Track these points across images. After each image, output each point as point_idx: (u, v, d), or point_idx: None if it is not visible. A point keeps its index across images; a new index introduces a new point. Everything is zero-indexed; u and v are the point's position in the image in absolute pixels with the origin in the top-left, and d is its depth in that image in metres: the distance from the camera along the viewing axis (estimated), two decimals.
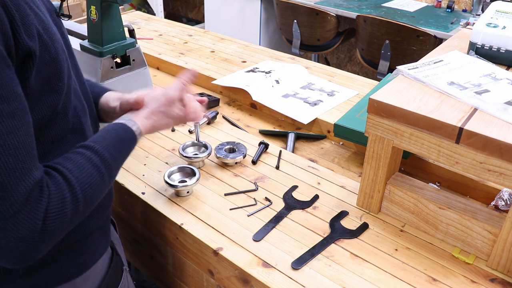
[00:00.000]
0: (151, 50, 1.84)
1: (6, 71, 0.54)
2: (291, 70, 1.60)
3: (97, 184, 0.65)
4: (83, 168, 0.63)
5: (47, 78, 0.63)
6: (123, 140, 0.73)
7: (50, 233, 0.58)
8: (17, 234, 0.55)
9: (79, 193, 0.61)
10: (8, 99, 0.54)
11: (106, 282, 0.81)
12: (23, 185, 0.55)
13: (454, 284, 0.81)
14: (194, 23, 4.59)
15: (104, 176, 0.66)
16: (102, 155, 0.67)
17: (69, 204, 0.60)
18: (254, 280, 0.82)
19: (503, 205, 0.98)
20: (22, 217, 0.55)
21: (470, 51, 1.06)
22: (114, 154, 0.69)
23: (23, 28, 0.56)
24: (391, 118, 0.84)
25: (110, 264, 0.83)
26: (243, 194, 1.02)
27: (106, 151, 0.68)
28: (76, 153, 0.66)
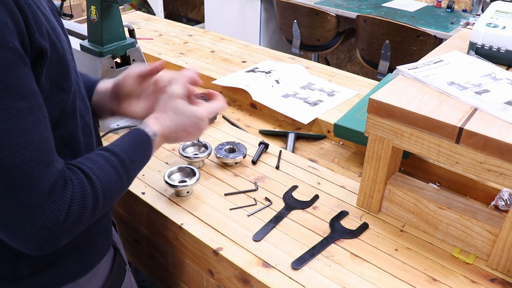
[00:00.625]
0: (151, 50, 1.84)
1: (23, 69, 0.56)
2: (291, 70, 1.60)
3: (116, 184, 0.67)
4: (103, 168, 0.65)
5: (56, 77, 0.64)
6: (140, 142, 0.73)
7: (71, 225, 0.60)
8: (41, 223, 0.57)
9: (100, 191, 0.63)
10: (27, 96, 0.56)
11: (110, 282, 0.82)
12: (47, 176, 0.57)
13: (454, 284, 0.81)
14: (194, 23, 4.60)
15: (123, 177, 0.68)
16: (121, 157, 0.68)
17: (90, 200, 0.62)
18: (254, 280, 0.82)
19: (503, 205, 0.98)
20: (47, 207, 0.57)
21: (470, 51, 1.06)
22: (132, 157, 0.70)
23: (36, 27, 0.57)
24: (391, 118, 0.84)
25: (113, 263, 0.84)
26: (243, 194, 1.02)
27: (125, 154, 0.69)
28: (96, 154, 0.68)
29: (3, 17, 0.53)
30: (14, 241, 0.59)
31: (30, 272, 0.70)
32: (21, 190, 0.56)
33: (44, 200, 0.57)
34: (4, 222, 0.57)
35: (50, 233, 0.58)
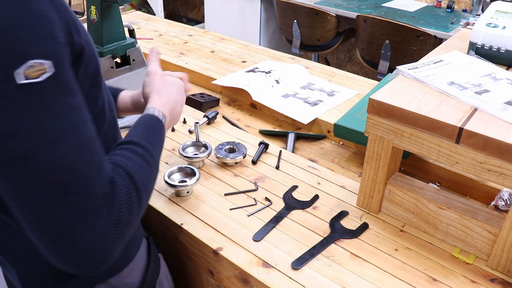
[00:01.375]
0: None
1: (70, 69, 0.54)
2: (291, 70, 1.60)
3: (149, 174, 0.65)
4: (134, 161, 0.63)
5: (92, 74, 0.63)
6: (154, 128, 0.72)
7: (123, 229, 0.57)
8: (99, 230, 0.53)
9: (141, 186, 0.61)
10: (74, 93, 0.54)
11: (150, 270, 0.84)
12: (102, 178, 0.55)
13: (454, 284, 0.81)
14: (194, 23, 4.59)
15: (152, 165, 0.66)
16: (145, 147, 0.67)
17: (134, 198, 0.59)
18: (254, 280, 0.82)
19: (503, 205, 0.98)
20: (103, 211, 0.53)
21: (470, 51, 1.06)
22: (153, 144, 0.69)
23: (74, 25, 0.57)
24: (391, 118, 0.84)
25: (148, 253, 0.85)
26: (243, 194, 1.02)
27: (147, 142, 0.68)
28: (123, 149, 0.65)
29: (52, 14, 0.51)
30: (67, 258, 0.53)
31: None
32: (77, 195, 0.52)
33: (100, 205, 0.53)
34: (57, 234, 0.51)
35: (106, 242, 0.54)
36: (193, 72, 1.66)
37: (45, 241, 0.52)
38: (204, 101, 1.44)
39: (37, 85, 0.49)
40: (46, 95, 0.50)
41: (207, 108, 1.45)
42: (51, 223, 0.51)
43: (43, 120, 0.50)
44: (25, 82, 0.48)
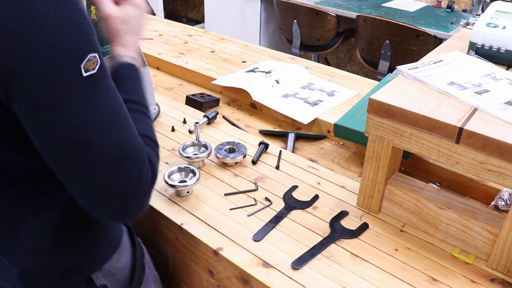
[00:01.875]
0: (151, 50, 1.84)
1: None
2: (291, 70, 1.61)
3: (151, 124, 0.73)
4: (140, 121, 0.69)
5: None
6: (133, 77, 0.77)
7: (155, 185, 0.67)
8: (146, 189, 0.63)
9: (155, 141, 0.70)
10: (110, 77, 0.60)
11: (137, 252, 0.87)
12: (142, 146, 0.63)
13: (454, 284, 0.81)
14: (194, 23, 4.60)
15: (148, 115, 0.73)
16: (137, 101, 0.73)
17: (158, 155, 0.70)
18: (254, 280, 0.82)
19: (503, 205, 0.98)
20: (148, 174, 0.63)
21: (470, 51, 1.06)
22: (138, 94, 0.75)
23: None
24: (391, 118, 0.84)
25: (131, 237, 0.89)
26: (243, 194, 1.02)
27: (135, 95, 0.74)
28: None
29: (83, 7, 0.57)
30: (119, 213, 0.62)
31: (80, 259, 0.74)
32: (131, 163, 0.60)
33: (147, 169, 0.63)
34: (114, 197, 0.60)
35: (148, 198, 0.65)
36: (193, 72, 1.66)
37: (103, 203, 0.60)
38: (204, 101, 1.44)
39: (95, 76, 0.56)
40: (101, 83, 0.57)
41: (207, 108, 1.45)
42: (111, 189, 0.59)
43: (103, 106, 0.57)
44: (87, 75, 0.55)
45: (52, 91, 0.53)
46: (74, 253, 0.74)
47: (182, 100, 1.49)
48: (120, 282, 0.82)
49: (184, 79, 1.71)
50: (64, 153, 0.57)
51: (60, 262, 0.73)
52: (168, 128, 1.27)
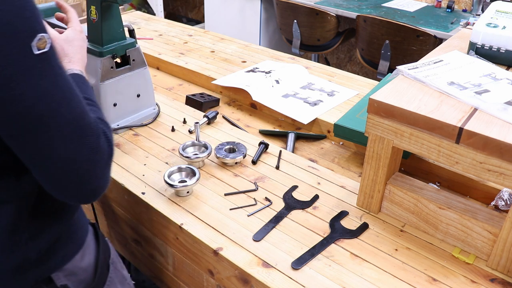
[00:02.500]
0: (151, 50, 1.84)
1: None
2: (291, 70, 1.60)
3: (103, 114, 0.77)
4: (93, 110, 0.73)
5: None
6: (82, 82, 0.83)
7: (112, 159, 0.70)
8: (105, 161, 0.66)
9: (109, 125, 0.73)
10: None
11: (102, 253, 0.87)
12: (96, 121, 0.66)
13: (454, 284, 0.81)
14: (194, 23, 4.59)
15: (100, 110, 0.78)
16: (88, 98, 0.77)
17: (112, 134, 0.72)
18: (254, 280, 0.82)
19: (503, 205, 0.98)
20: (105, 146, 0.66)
21: (470, 51, 1.06)
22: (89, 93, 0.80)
23: None
24: (391, 118, 0.84)
25: (96, 237, 0.89)
26: (243, 194, 1.02)
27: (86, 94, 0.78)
28: None
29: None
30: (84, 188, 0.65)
31: (37, 257, 0.74)
32: (90, 136, 0.63)
33: (102, 142, 0.66)
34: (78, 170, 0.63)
35: (109, 170, 0.68)
36: (193, 72, 1.66)
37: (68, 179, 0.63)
38: (204, 101, 1.44)
39: (47, 54, 0.59)
40: (52, 61, 0.60)
41: (207, 108, 1.45)
42: (75, 162, 0.62)
43: (57, 82, 0.60)
44: (39, 53, 0.58)
45: (7, 69, 0.55)
46: (31, 251, 0.73)
47: (182, 100, 1.49)
48: (83, 281, 0.82)
49: (184, 79, 1.71)
50: (24, 130, 0.59)
51: (15, 260, 0.73)
52: (168, 128, 1.27)
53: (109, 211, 1.18)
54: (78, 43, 0.94)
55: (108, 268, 0.88)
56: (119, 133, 1.24)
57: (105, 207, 1.20)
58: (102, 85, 1.17)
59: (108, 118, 1.20)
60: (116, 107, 1.22)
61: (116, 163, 1.12)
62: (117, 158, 1.14)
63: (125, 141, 1.21)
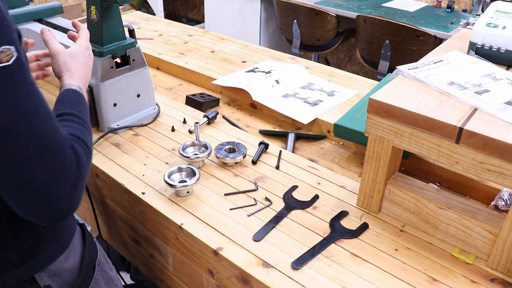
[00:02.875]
0: (151, 50, 1.84)
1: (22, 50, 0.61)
2: (291, 70, 1.60)
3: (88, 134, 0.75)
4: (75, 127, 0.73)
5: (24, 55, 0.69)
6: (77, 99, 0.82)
7: (85, 181, 0.68)
8: (70, 184, 0.63)
9: (89, 144, 0.72)
10: (29, 71, 0.61)
11: (87, 254, 0.87)
12: (65, 140, 0.64)
13: (454, 284, 0.81)
14: (194, 23, 4.60)
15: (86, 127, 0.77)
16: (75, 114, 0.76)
17: (88, 154, 0.71)
18: (254, 280, 0.82)
19: (503, 205, 0.98)
20: (72, 168, 0.64)
21: (470, 51, 1.06)
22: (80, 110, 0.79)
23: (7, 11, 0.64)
24: (391, 118, 0.84)
25: (83, 238, 0.89)
26: (243, 194, 1.02)
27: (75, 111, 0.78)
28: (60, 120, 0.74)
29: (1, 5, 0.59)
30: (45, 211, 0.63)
31: (19, 258, 0.74)
32: (52, 157, 0.61)
33: (69, 163, 0.63)
34: (38, 191, 0.61)
35: (76, 192, 0.65)
36: (193, 72, 1.66)
37: (27, 199, 0.61)
38: (204, 101, 1.44)
39: (9, 68, 0.57)
40: (16, 75, 0.58)
41: (207, 108, 1.45)
42: (33, 183, 0.60)
43: (18, 98, 0.58)
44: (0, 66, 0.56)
45: None
46: (12, 252, 0.73)
47: (182, 100, 1.49)
48: (67, 282, 0.82)
49: (184, 79, 1.71)
50: None
51: None
52: (168, 128, 1.27)
53: (109, 211, 1.18)
54: (83, 59, 0.93)
55: (93, 270, 0.88)
56: (119, 133, 1.24)
57: (105, 207, 1.20)
58: (102, 85, 1.17)
59: (108, 118, 1.21)
60: (116, 107, 1.22)
61: (116, 163, 1.12)
62: (117, 158, 1.14)
63: (125, 141, 1.21)
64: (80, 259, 0.85)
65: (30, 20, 1.47)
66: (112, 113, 1.22)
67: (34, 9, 1.47)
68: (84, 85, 0.90)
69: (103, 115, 1.21)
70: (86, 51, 0.96)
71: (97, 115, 1.22)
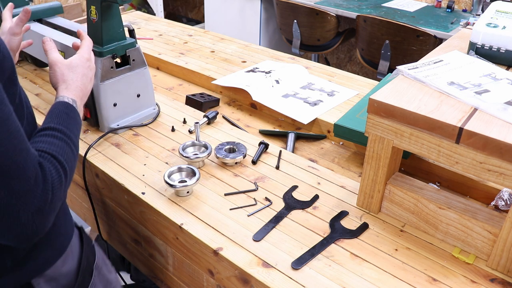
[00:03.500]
0: (151, 50, 1.84)
1: None
2: (291, 70, 1.60)
3: (70, 153, 0.72)
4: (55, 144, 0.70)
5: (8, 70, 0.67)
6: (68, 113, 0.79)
7: (56, 203, 0.65)
8: (34, 207, 0.60)
9: (65, 165, 0.69)
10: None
11: (85, 258, 0.86)
12: (30, 162, 0.61)
13: (454, 284, 0.81)
14: (194, 23, 4.60)
15: (70, 145, 0.74)
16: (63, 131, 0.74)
17: (63, 176, 0.67)
18: (254, 280, 0.82)
19: (503, 205, 0.98)
20: (36, 190, 0.61)
21: (470, 51, 1.06)
22: (67, 126, 0.76)
23: None
24: (391, 118, 0.84)
25: (81, 241, 0.88)
26: (243, 194, 1.02)
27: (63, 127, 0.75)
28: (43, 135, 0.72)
29: None
30: (7, 234, 0.61)
31: (13, 264, 0.73)
32: (12, 179, 0.58)
33: (33, 185, 0.60)
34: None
35: (42, 215, 0.62)
36: (193, 72, 1.66)
37: None
38: (204, 101, 1.44)
39: None
40: None
41: (207, 108, 1.45)
42: None
43: None
44: None
45: None
46: (5, 257, 0.72)
47: (182, 100, 1.49)
48: (65, 286, 0.81)
49: (184, 79, 1.71)
50: None
51: None
52: (168, 128, 1.27)
53: (109, 211, 1.18)
54: (82, 70, 0.90)
55: (91, 274, 0.87)
56: (119, 133, 1.24)
57: (105, 207, 1.20)
58: (102, 85, 1.17)
59: (108, 118, 1.21)
60: (116, 107, 1.22)
61: (116, 163, 1.12)
62: (117, 158, 1.14)
63: (125, 141, 1.21)
64: (77, 263, 0.84)
65: (30, 20, 1.47)
66: (112, 113, 1.22)
67: (34, 9, 1.46)
68: (81, 98, 0.87)
69: (103, 115, 1.21)
70: (86, 62, 0.93)
71: (97, 115, 1.22)
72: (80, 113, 0.83)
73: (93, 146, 1.18)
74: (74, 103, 0.83)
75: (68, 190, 1.38)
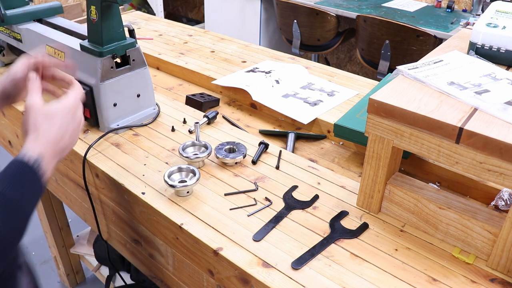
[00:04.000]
0: (151, 50, 1.84)
1: None
2: (291, 70, 1.60)
3: (12, 223, 0.64)
4: None
5: None
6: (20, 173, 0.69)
7: None
8: None
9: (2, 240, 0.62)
10: None
11: None
12: None
13: (454, 284, 0.81)
14: (194, 23, 4.60)
15: (16, 213, 0.65)
16: (6, 194, 0.65)
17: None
18: (254, 280, 0.82)
19: (503, 205, 0.98)
20: None
21: (470, 51, 1.06)
22: (17, 189, 0.67)
23: None
24: (391, 118, 0.84)
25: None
26: (243, 194, 1.02)
27: (9, 189, 0.66)
28: None
29: None
30: None
31: None
32: None
33: None
34: None
35: None
36: (193, 72, 1.66)
37: None
38: (204, 101, 1.44)
39: None
40: None
41: (207, 108, 1.45)
42: None
43: None
44: None
45: None
46: None
47: (182, 100, 1.49)
48: None
49: (184, 79, 1.71)
50: None
51: None
52: (168, 128, 1.27)
53: (109, 211, 1.19)
54: (60, 122, 0.77)
55: None
56: (119, 133, 1.24)
57: (105, 207, 1.20)
58: (102, 85, 1.17)
59: (108, 118, 1.21)
60: (116, 107, 1.22)
61: (116, 163, 1.12)
62: (117, 158, 1.14)
63: (125, 141, 1.21)
64: None
65: (30, 20, 1.47)
66: (112, 113, 1.22)
67: (34, 9, 1.47)
68: (52, 154, 0.74)
69: (103, 115, 1.21)
70: (68, 113, 0.78)
71: (97, 115, 1.22)
72: (45, 172, 0.72)
73: (93, 146, 1.18)
74: (37, 161, 0.71)
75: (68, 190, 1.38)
